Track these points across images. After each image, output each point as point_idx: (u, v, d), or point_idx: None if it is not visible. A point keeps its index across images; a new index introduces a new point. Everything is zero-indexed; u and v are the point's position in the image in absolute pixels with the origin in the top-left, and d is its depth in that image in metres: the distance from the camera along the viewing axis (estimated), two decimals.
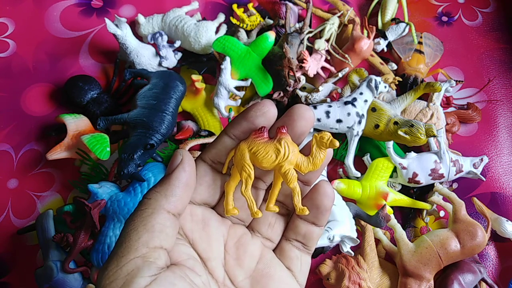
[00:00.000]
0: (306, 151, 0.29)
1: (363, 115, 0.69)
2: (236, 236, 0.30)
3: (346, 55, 0.78)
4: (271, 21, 0.83)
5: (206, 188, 0.29)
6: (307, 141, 0.30)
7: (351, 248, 0.63)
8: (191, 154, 0.69)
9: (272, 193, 0.30)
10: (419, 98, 0.76)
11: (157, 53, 0.77)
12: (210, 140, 0.73)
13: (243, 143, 0.28)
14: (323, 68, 0.79)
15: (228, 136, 0.29)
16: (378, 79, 0.70)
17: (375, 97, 0.71)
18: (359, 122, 0.68)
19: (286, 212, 0.31)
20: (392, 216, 0.68)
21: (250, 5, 0.82)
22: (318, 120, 0.68)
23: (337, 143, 0.28)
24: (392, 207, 0.69)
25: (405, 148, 0.75)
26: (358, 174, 0.70)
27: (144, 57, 0.76)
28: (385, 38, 0.83)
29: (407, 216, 0.73)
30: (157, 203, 0.26)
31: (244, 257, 0.29)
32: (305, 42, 0.76)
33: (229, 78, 0.73)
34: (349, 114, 0.68)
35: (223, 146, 0.29)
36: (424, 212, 0.73)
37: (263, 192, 0.31)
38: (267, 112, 0.28)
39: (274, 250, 0.31)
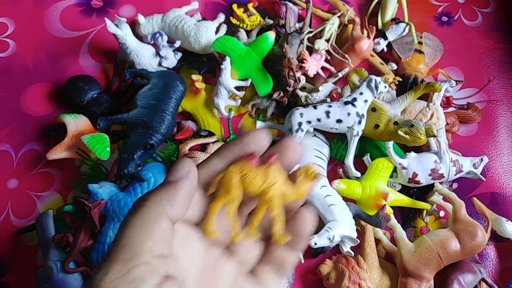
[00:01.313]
0: (291, 178, 0.30)
1: (363, 115, 0.69)
2: (213, 256, 0.30)
3: (346, 55, 0.78)
4: (271, 21, 0.83)
5: (192, 206, 0.29)
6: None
7: (351, 248, 0.63)
8: (191, 154, 0.69)
9: (255, 218, 0.30)
10: (419, 98, 0.76)
11: (157, 53, 0.77)
12: (210, 140, 0.73)
13: (233, 166, 0.28)
14: (323, 68, 0.79)
15: (219, 158, 0.29)
16: (378, 79, 0.70)
17: (375, 97, 0.71)
18: (359, 122, 0.69)
19: (265, 237, 0.31)
20: (392, 216, 0.68)
21: (250, 5, 0.82)
22: (318, 120, 0.69)
23: (319, 176, 0.29)
24: (392, 207, 0.69)
25: (405, 148, 0.75)
26: (358, 174, 0.70)
27: (144, 57, 0.76)
28: (385, 38, 0.83)
29: (407, 216, 0.74)
30: (162, 209, 0.25)
31: (219, 278, 0.29)
32: (305, 42, 0.76)
33: (229, 78, 0.73)
34: (349, 114, 0.68)
35: (212, 167, 0.29)
36: (424, 212, 0.73)
37: (245, 217, 0.31)
38: (260, 141, 0.29)
39: (250, 273, 0.31)
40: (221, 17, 0.83)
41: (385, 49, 0.84)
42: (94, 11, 0.89)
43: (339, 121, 0.69)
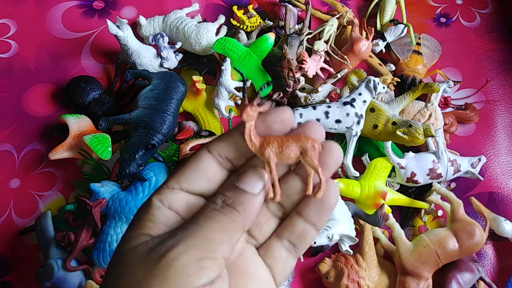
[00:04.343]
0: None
1: (361, 115, 0.70)
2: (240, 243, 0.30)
3: (345, 56, 0.79)
4: (271, 23, 0.83)
5: (206, 181, 0.29)
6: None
7: (350, 247, 0.64)
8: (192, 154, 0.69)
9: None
10: (417, 99, 0.77)
11: (158, 54, 0.78)
12: (211, 140, 0.74)
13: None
14: (322, 69, 0.79)
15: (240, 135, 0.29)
16: (377, 80, 0.71)
17: (373, 98, 0.72)
18: (358, 123, 0.69)
19: (281, 215, 0.30)
20: (391, 215, 0.69)
21: (250, 7, 0.83)
22: (318, 120, 0.69)
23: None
24: (390, 206, 0.70)
25: (403, 148, 0.76)
26: (357, 174, 0.70)
27: (146, 58, 0.77)
28: (384, 39, 0.83)
29: (405, 215, 0.74)
30: (242, 223, 0.27)
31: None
32: (305, 43, 0.77)
33: (229, 79, 0.74)
34: (348, 114, 0.69)
35: (233, 142, 0.29)
36: (422, 211, 0.73)
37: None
38: (286, 121, 0.28)
39: (259, 248, 0.30)
40: (222, 19, 0.84)
41: (384, 50, 0.85)
42: (95, 12, 0.90)
43: (338, 121, 0.69)
